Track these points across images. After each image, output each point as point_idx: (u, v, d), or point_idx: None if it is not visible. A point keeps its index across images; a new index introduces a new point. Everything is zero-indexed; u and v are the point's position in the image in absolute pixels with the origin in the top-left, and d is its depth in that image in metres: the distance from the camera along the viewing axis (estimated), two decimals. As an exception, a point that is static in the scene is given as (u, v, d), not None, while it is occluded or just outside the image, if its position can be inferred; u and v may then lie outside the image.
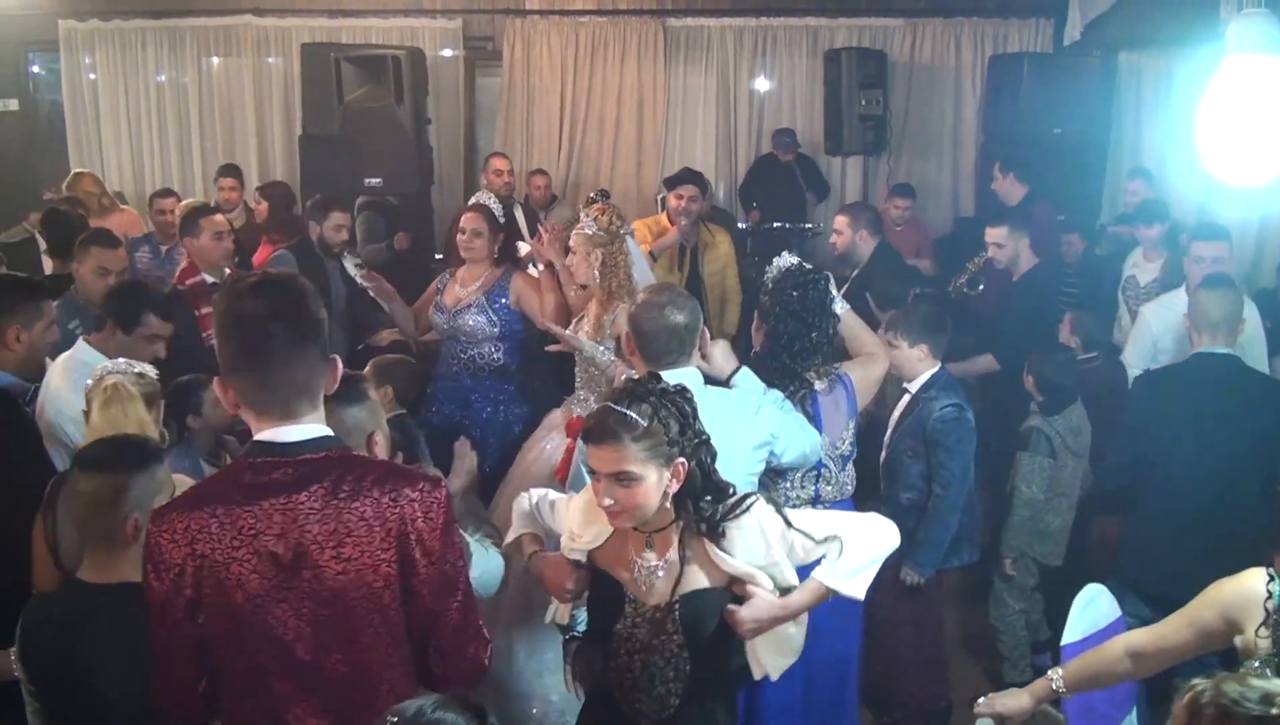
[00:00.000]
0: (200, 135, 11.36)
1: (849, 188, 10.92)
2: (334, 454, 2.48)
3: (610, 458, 2.81)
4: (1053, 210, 7.76)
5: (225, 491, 2.44)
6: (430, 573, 2.47)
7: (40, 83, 12.19)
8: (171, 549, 2.40)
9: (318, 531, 2.40)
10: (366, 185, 8.91)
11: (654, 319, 3.72)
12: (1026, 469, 5.44)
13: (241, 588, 2.39)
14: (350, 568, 2.41)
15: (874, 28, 10.77)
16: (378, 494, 2.43)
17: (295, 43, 10.56)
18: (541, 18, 10.91)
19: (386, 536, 2.42)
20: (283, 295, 2.42)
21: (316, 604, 2.42)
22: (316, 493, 2.41)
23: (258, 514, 2.39)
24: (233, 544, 2.39)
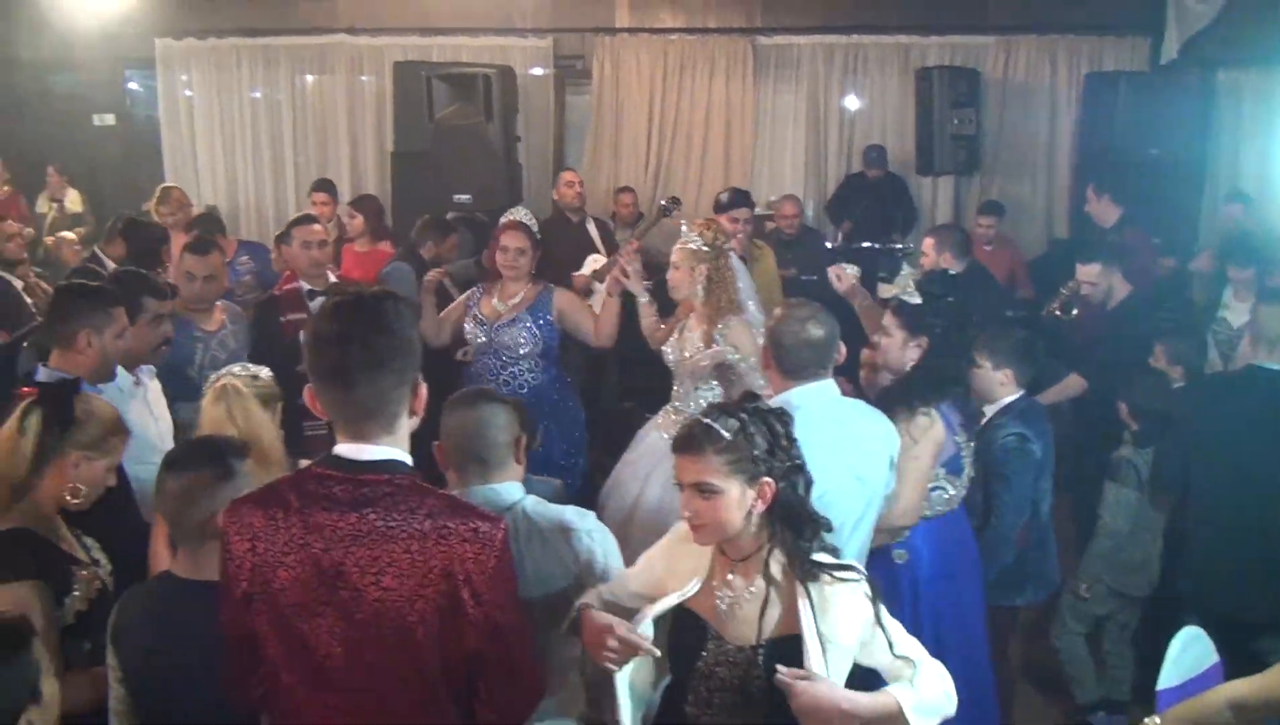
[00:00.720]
0: (293, 151, 11.73)
1: (940, 208, 10.91)
2: (397, 479, 2.47)
3: (693, 467, 2.82)
4: (1146, 236, 7.70)
5: (288, 496, 2.49)
6: (477, 614, 2.43)
7: (137, 98, 12.64)
8: (237, 541, 2.48)
9: (362, 555, 2.41)
10: (456, 201, 9.07)
11: (795, 333, 3.79)
12: (1112, 500, 5.39)
13: (285, 592, 2.45)
14: (387, 598, 2.40)
15: (967, 45, 10.78)
16: (429, 528, 2.41)
17: (388, 61, 10.87)
18: (631, 36, 11.11)
19: (428, 574, 2.40)
20: (367, 317, 2.43)
21: (349, 624, 2.43)
22: (368, 516, 2.42)
23: (310, 524, 2.44)
24: (284, 548, 2.44)
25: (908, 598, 4.30)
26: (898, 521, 4.17)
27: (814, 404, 3.68)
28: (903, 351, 4.45)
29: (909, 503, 4.18)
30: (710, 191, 10.78)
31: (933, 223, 10.36)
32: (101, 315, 4.34)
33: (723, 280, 5.42)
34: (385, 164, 10.80)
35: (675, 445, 2.89)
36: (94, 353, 4.30)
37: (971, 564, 4.57)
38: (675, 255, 5.49)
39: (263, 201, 11.69)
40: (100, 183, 11.76)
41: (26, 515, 3.29)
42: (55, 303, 4.46)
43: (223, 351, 5.70)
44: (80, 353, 4.27)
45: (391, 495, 2.44)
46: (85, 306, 4.34)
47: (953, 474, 4.42)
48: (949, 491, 4.42)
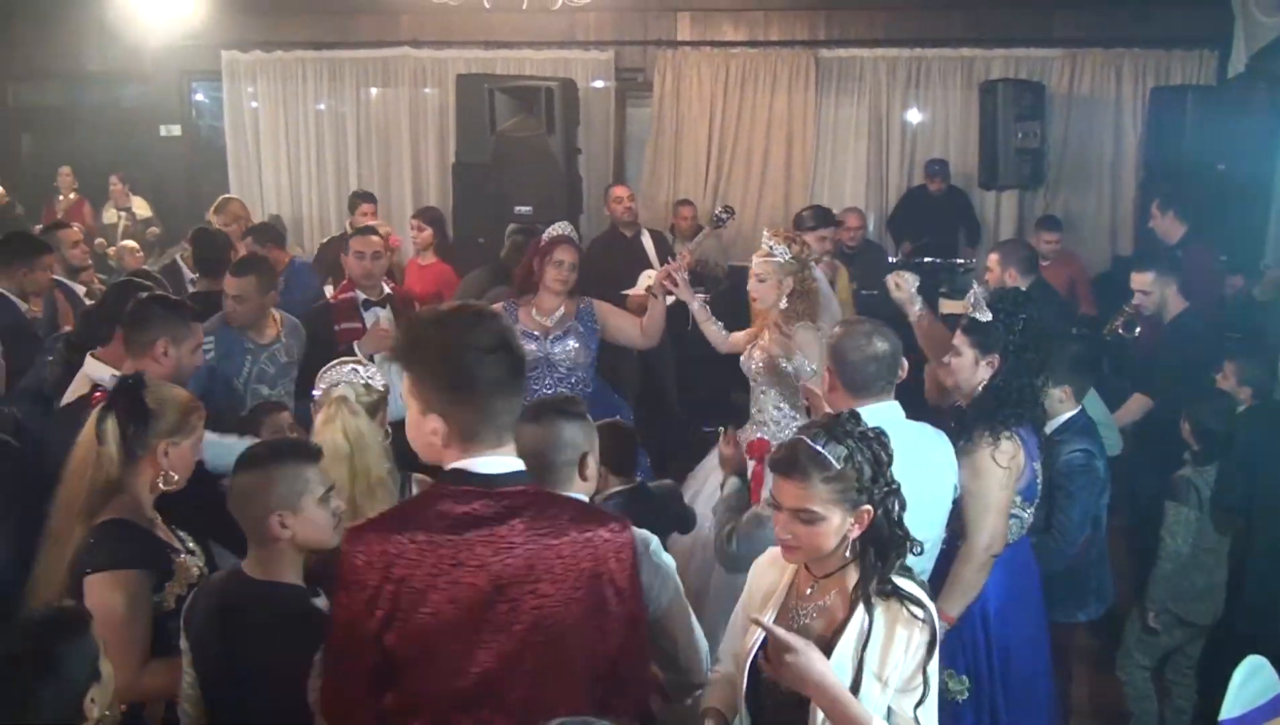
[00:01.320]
0: (356, 163, 11.96)
1: (1004, 222, 10.90)
2: (530, 489, 2.55)
3: (796, 493, 2.77)
4: (1210, 251, 7.66)
5: (425, 517, 2.47)
6: (620, 612, 2.54)
7: (202, 109, 13.01)
8: (366, 570, 2.42)
9: (517, 566, 2.44)
10: (516, 213, 9.16)
11: (859, 348, 3.76)
12: (1173, 520, 5.27)
13: (436, 616, 2.42)
14: (545, 604, 2.45)
15: (1031, 59, 10.78)
16: (575, 533, 2.49)
17: (451, 73, 11.07)
18: (693, 49, 11.25)
19: (580, 576, 2.47)
20: (501, 327, 2.54)
21: (507, 637, 2.44)
22: (517, 527, 2.46)
23: (459, 544, 2.43)
24: (432, 571, 2.41)
25: (979, 627, 4.25)
26: (987, 552, 4.08)
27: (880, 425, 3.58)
28: (974, 371, 4.33)
29: (996, 531, 4.09)
30: (770, 204, 10.94)
31: (996, 237, 10.37)
32: (182, 327, 4.43)
33: (807, 293, 5.53)
34: (447, 175, 10.98)
35: (776, 466, 2.84)
36: (169, 363, 4.34)
37: (1038, 589, 4.54)
38: (760, 267, 5.55)
39: (325, 212, 11.93)
40: (166, 193, 12.08)
41: (124, 508, 3.35)
42: (135, 307, 4.47)
43: (272, 365, 5.80)
44: (156, 361, 4.31)
45: (532, 504, 2.51)
46: (166, 316, 4.41)
47: (1027, 501, 4.34)
48: (1024, 519, 4.35)
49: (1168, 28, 10.49)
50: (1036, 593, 4.53)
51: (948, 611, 3.97)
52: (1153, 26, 10.52)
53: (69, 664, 2.65)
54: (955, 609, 4.06)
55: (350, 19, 11.64)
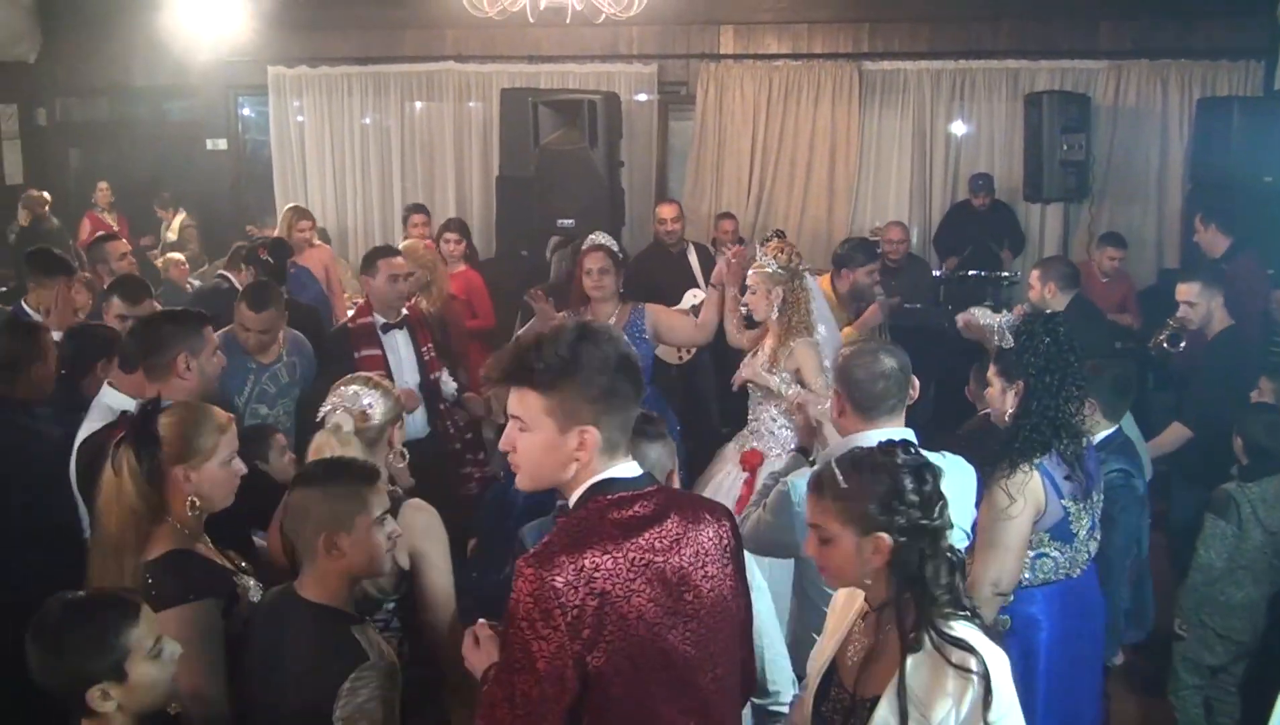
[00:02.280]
0: (401, 176, 12.15)
1: (1049, 236, 10.94)
2: (662, 488, 2.73)
3: (813, 509, 2.86)
4: (1258, 263, 7.64)
5: (601, 528, 2.52)
6: (742, 588, 2.76)
7: (249, 124, 13.23)
8: (568, 591, 2.39)
9: (689, 553, 2.58)
10: (559, 226, 9.24)
11: (866, 367, 3.74)
12: (1209, 533, 5.26)
13: (642, 619, 2.48)
14: (715, 585, 2.62)
15: (1076, 70, 10.79)
16: (709, 517, 2.68)
17: (495, 87, 11.24)
18: (735, 62, 11.35)
19: (724, 553, 2.67)
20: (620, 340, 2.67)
21: (697, 623, 2.58)
22: (674, 519, 2.59)
23: (642, 545, 2.52)
24: (629, 577, 2.47)
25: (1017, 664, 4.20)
26: (992, 589, 3.95)
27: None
28: (1003, 400, 4.31)
29: (1004, 568, 3.98)
30: (813, 217, 10.99)
31: (1041, 250, 10.41)
32: (196, 337, 4.40)
33: (797, 302, 5.66)
34: (490, 188, 11.13)
35: (807, 483, 2.95)
36: (194, 375, 4.33)
37: (1097, 628, 4.45)
38: (751, 279, 5.74)
39: (370, 225, 12.11)
40: (211, 207, 12.27)
41: (175, 538, 3.32)
42: (145, 334, 4.45)
43: (273, 384, 5.84)
44: (181, 377, 4.30)
45: (671, 500, 2.66)
46: (179, 330, 4.38)
47: (1059, 541, 4.20)
48: (1056, 558, 4.22)
49: (1213, 39, 10.49)
50: (1094, 627, 4.43)
51: None
52: (1198, 37, 10.53)
53: (73, 648, 2.73)
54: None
55: (395, 34, 11.82)
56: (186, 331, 4.39)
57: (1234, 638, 5.29)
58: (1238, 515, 5.22)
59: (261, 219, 12.27)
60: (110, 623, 2.76)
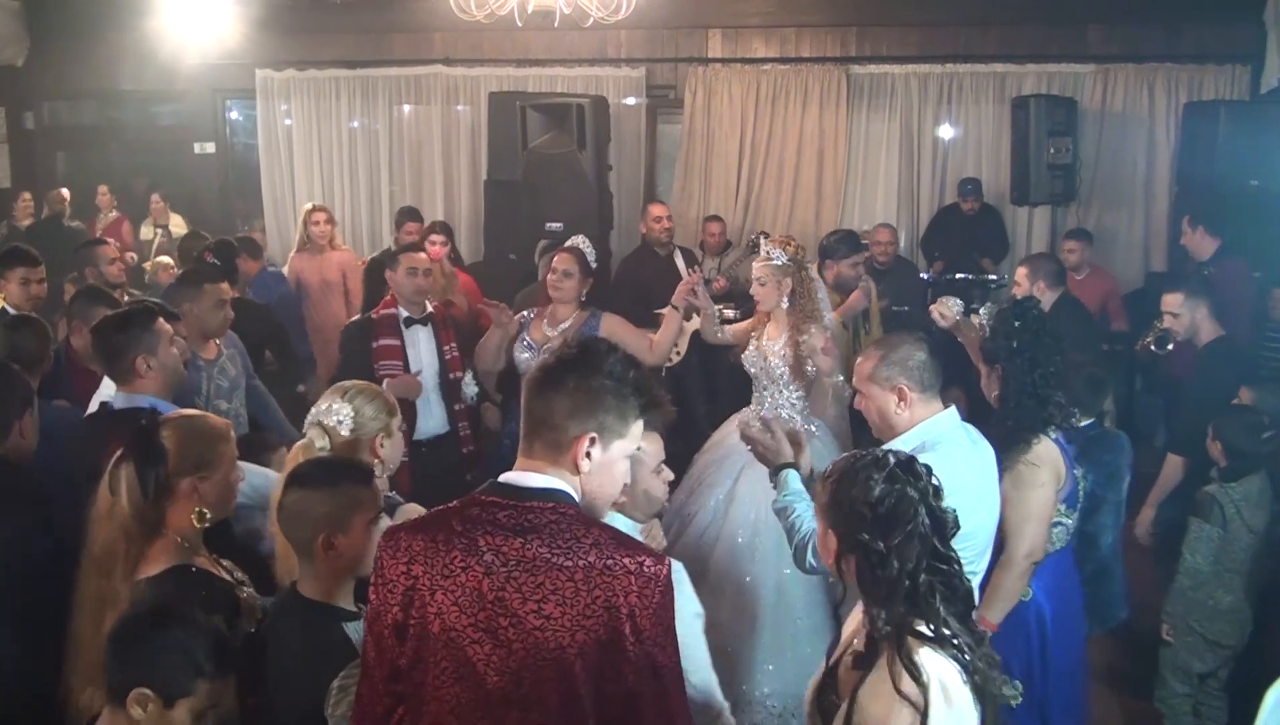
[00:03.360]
0: (389, 180, 12.15)
1: (1036, 238, 10.94)
2: (562, 508, 2.50)
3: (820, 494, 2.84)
4: (1243, 266, 7.66)
5: (449, 521, 2.52)
6: (637, 651, 2.42)
7: (236, 127, 13.23)
8: (391, 565, 2.52)
9: (524, 581, 2.42)
10: (548, 230, 9.23)
11: (919, 350, 3.79)
12: (1194, 536, 5.25)
13: (440, 617, 2.46)
14: (548, 626, 2.40)
15: (1064, 74, 10.81)
16: (593, 558, 2.43)
17: (483, 91, 11.22)
18: (724, 66, 11.36)
19: (592, 604, 2.40)
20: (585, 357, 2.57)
21: (507, 653, 2.43)
22: (532, 543, 2.44)
23: (472, 548, 2.45)
24: (443, 572, 2.46)
25: (1034, 633, 4.35)
26: (1027, 560, 4.14)
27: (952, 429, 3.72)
28: (989, 385, 4.48)
29: (1037, 538, 4.16)
30: (801, 221, 11.00)
31: (1026, 253, 10.40)
32: (148, 335, 4.42)
33: (806, 292, 5.85)
34: (478, 192, 11.09)
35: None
36: (156, 374, 4.39)
37: (1080, 593, 4.67)
38: (760, 271, 5.89)
39: (358, 228, 12.08)
40: (200, 210, 12.24)
41: (175, 553, 3.30)
42: (99, 344, 4.49)
43: (224, 378, 5.86)
44: (144, 377, 4.36)
45: (556, 523, 2.47)
46: (129, 335, 4.40)
47: (1071, 508, 4.44)
48: (1069, 526, 4.44)
49: (1200, 43, 10.53)
50: (1079, 597, 4.66)
51: (990, 618, 4.05)
52: (1185, 42, 10.57)
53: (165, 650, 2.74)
54: (996, 616, 4.14)
55: (383, 38, 11.82)
56: (138, 333, 4.41)
57: (1223, 643, 5.28)
58: (1222, 517, 5.21)
59: (250, 222, 12.27)
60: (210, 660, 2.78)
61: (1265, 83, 9.79)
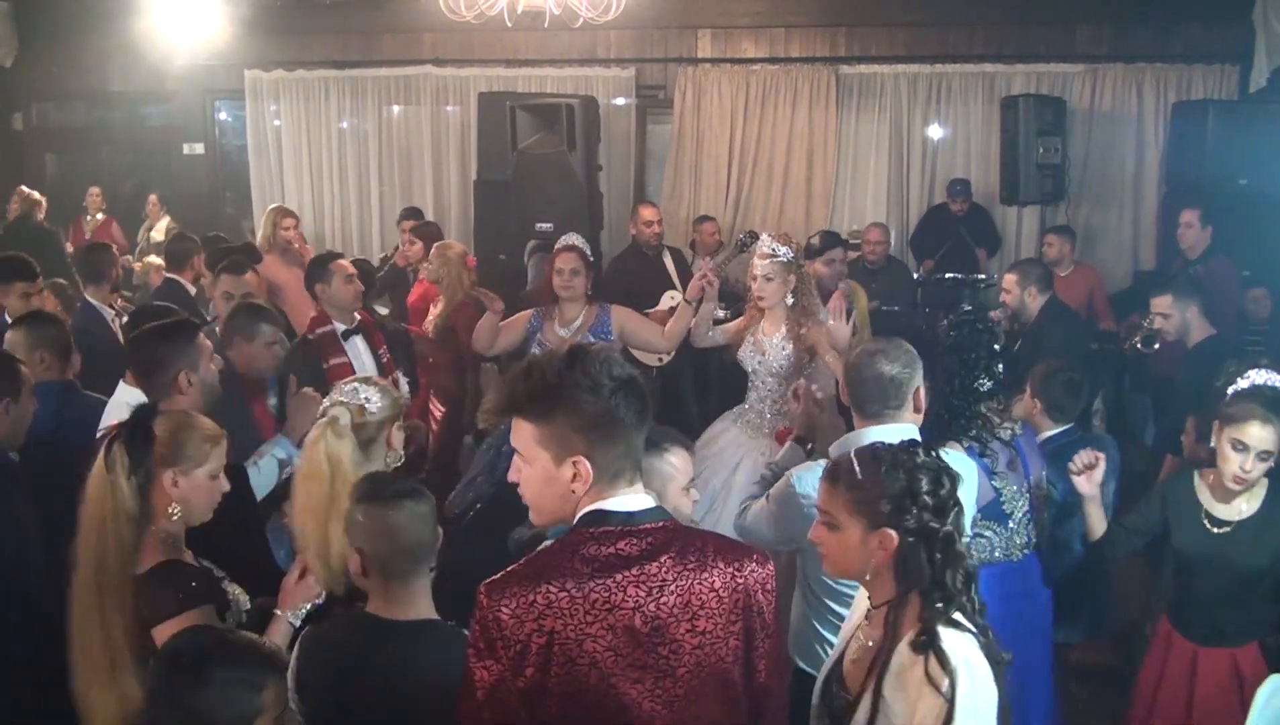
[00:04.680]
0: (378, 180, 12.13)
1: (1025, 238, 10.96)
2: (670, 524, 2.46)
3: (824, 495, 2.80)
4: (1231, 265, 7.70)
5: (569, 564, 2.36)
6: (768, 647, 2.46)
7: (225, 128, 13.18)
8: (514, 625, 2.30)
9: (673, 604, 2.36)
10: (538, 230, 9.22)
11: (865, 367, 3.76)
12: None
13: (595, 666, 2.32)
14: (705, 641, 2.38)
15: (1052, 74, 10.82)
16: (723, 565, 2.42)
17: (472, 91, 11.23)
18: (713, 66, 11.36)
19: (734, 608, 2.41)
20: (625, 363, 2.46)
21: (672, 681, 2.36)
22: (666, 563, 2.38)
23: (611, 587, 2.33)
24: (585, 619, 2.31)
25: None
26: None
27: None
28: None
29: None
30: (791, 220, 10.99)
31: (1017, 253, 10.43)
32: (192, 350, 4.31)
33: (807, 287, 5.91)
34: (468, 192, 11.05)
35: (824, 469, 2.89)
36: (195, 390, 4.26)
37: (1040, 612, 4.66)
38: (766, 268, 5.86)
39: (347, 229, 12.07)
40: (189, 211, 12.17)
41: (163, 548, 3.26)
42: (143, 352, 4.37)
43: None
44: (184, 394, 4.21)
45: (676, 539, 2.42)
46: (174, 349, 4.29)
47: (993, 521, 4.42)
48: (991, 538, 4.42)
49: (1189, 43, 10.56)
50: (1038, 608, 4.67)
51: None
52: (1174, 41, 10.59)
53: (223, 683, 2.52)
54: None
55: (372, 38, 11.80)
56: (183, 347, 4.31)
57: None
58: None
59: (239, 223, 12.24)
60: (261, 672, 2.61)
61: (1253, 82, 9.80)
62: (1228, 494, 4.37)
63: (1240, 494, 4.34)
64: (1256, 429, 4.20)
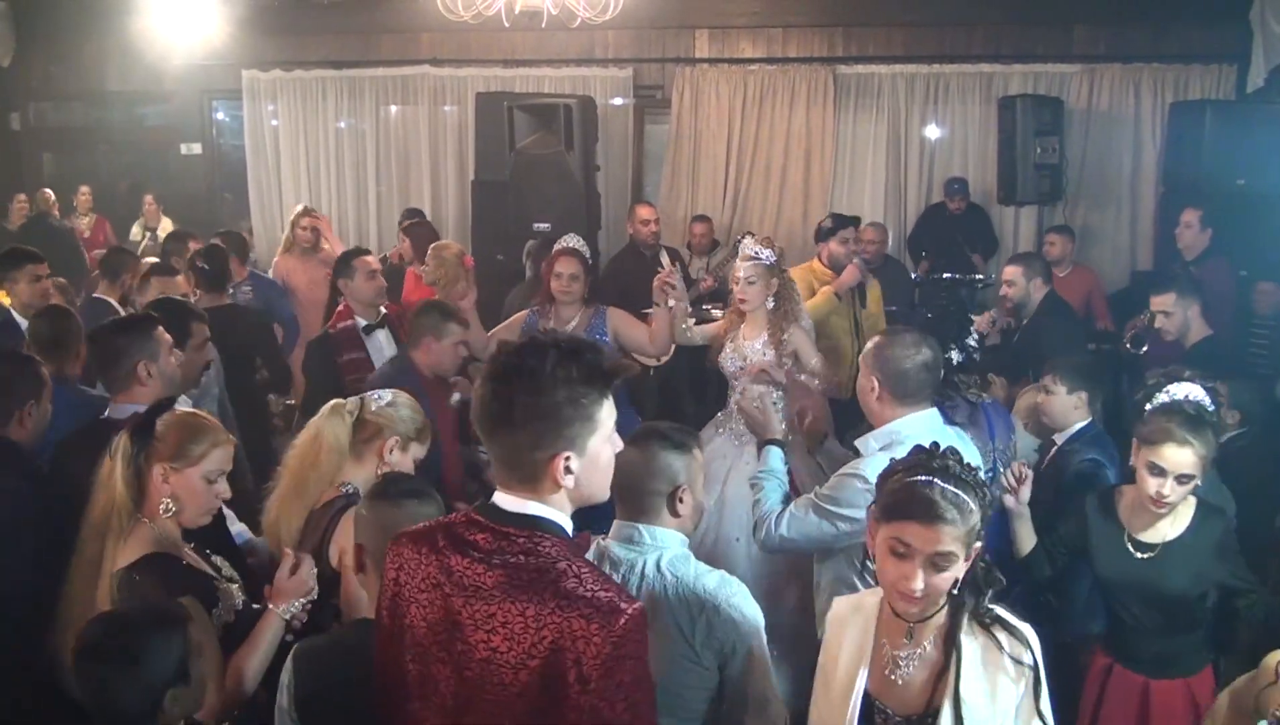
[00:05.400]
0: (376, 180, 12.11)
1: (1022, 238, 10.94)
2: (537, 537, 2.36)
3: (933, 536, 2.62)
4: (1227, 265, 7.69)
5: (436, 534, 2.46)
6: (582, 701, 2.22)
7: (223, 128, 13.17)
8: (389, 568, 2.51)
9: (478, 609, 2.32)
10: (535, 229, 9.20)
11: (910, 357, 3.77)
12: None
13: (411, 630, 2.44)
14: (494, 659, 2.30)
15: (1050, 74, 10.81)
16: (551, 599, 2.27)
17: (470, 91, 11.20)
18: (711, 66, 11.34)
19: (538, 643, 2.25)
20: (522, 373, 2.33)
21: (459, 680, 2.36)
22: (496, 570, 2.33)
23: (444, 566, 2.39)
24: (420, 585, 2.42)
25: None
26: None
27: (922, 433, 3.52)
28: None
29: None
30: (788, 221, 11.00)
31: (1013, 253, 10.37)
32: (150, 341, 4.36)
33: (789, 291, 5.86)
34: (466, 192, 11.05)
35: (901, 511, 2.68)
36: (157, 380, 4.31)
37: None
38: (748, 271, 5.81)
39: (344, 229, 11.98)
40: (187, 211, 12.17)
41: (152, 541, 3.27)
42: (99, 348, 4.45)
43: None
44: (144, 385, 4.28)
45: (527, 554, 2.34)
46: (132, 341, 4.34)
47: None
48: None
49: (1186, 43, 10.54)
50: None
51: None
52: (1171, 41, 10.57)
53: (153, 662, 2.70)
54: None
55: (370, 38, 11.79)
56: (140, 339, 4.36)
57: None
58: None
59: (237, 223, 12.21)
60: (174, 626, 2.79)
61: (1251, 82, 9.80)
62: (1151, 515, 4.01)
63: (1163, 515, 3.98)
64: (1173, 452, 3.85)
